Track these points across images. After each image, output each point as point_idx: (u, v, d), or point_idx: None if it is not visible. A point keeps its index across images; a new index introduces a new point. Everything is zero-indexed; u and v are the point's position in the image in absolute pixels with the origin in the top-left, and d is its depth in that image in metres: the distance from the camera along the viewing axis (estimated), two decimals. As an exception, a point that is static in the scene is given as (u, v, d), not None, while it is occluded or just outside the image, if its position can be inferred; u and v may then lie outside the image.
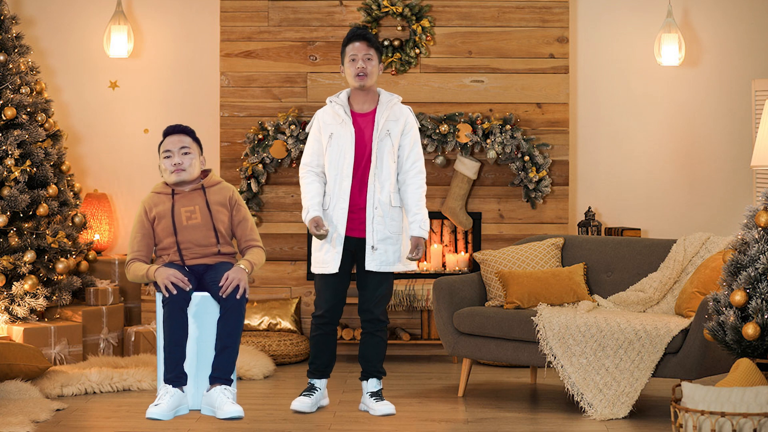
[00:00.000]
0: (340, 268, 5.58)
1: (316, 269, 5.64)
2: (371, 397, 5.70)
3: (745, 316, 5.04)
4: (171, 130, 5.56)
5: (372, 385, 5.72)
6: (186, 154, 5.49)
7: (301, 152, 7.60)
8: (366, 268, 5.60)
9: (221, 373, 5.28)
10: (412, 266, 5.75)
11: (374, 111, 5.61)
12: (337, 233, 5.55)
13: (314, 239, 5.62)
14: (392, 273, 5.67)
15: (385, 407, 5.65)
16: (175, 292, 5.23)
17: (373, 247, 5.56)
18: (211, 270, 5.43)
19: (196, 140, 5.56)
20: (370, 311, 5.65)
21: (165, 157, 5.50)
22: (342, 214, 5.55)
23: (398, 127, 5.59)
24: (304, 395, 5.72)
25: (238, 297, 5.28)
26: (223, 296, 5.27)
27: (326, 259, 5.58)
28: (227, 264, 5.47)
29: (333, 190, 5.57)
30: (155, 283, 5.35)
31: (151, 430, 5.50)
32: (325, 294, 5.63)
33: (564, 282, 6.41)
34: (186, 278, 5.27)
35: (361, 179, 5.57)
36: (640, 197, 8.06)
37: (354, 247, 5.60)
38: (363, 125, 5.59)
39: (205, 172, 5.62)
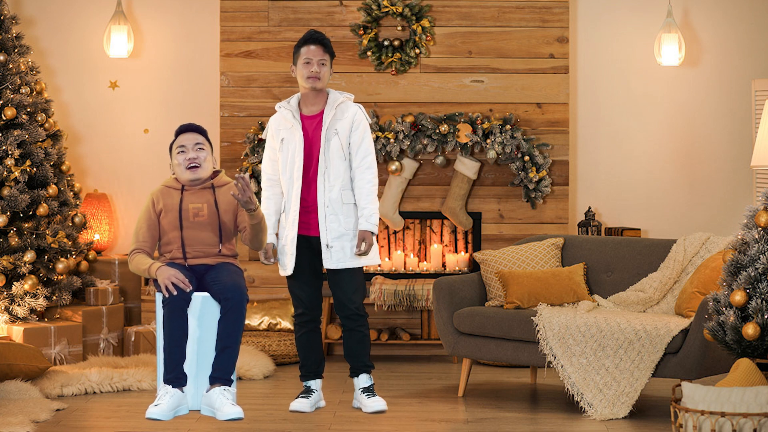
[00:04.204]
0: (302, 268, 5.66)
1: (280, 272, 5.73)
2: (363, 393, 5.70)
3: (745, 316, 5.04)
4: (185, 129, 5.57)
5: (363, 380, 5.72)
6: (200, 150, 5.51)
7: (301, 152, 7.62)
8: (325, 267, 5.65)
9: (221, 373, 5.28)
10: (369, 261, 5.67)
11: (322, 112, 5.65)
12: (291, 236, 5.63)
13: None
14: (358, 268, 5.67)
15: (377, 404, 5.64)
16: (175, 293, 5.23)
17: (327, 245, 5.60)
18: (212, 270, 5.43)
19: (209, 140, 5.59)
20: (345, 307, 5.68)
21: (179, 152, 5.50)
22: (294, 216, 5.62)
23: (345, 125, 5.61)
24: (301, 397, 5.73)
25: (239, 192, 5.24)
26: (236, 194, 5.25)
27: (284, 261, 5.68)
28: (229, 264, 5.48)
29: (287, 194, 5.66)
30: (155, 282, 5.35)
31: (151, 430, 5.50)
32: (296, 293, 5.72)
33: (564, 282, 6.41)
34: (187, 279, 5.27)
35: (313, 180, 5.62)
36: (640, 197, 8.06)
37: (316, 245, 5.65)
38: (311, 127, 5.64)
39: (215, 173, 5.63)
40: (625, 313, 6.12)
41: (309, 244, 5.65)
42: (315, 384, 5.76)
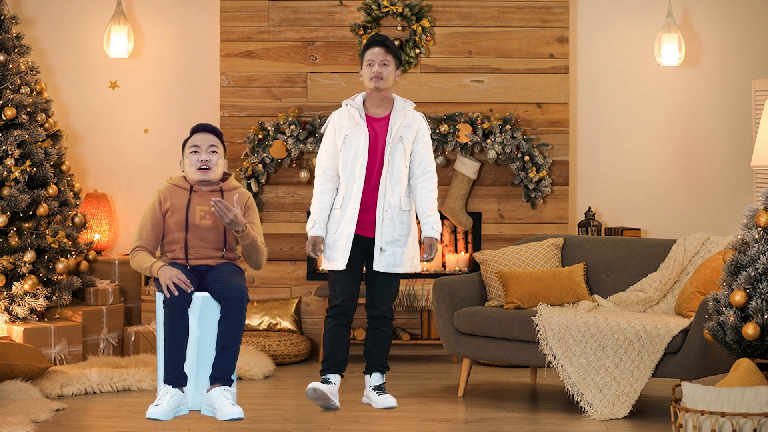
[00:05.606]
0: (350, 265, 5.78)
1: (326, 265, 5.83)
2: (374, 390, 5.87)
3: (745, 316, 5.04)
4: (201, 128, 5.56)
5: (375, 379, 5.89)
6: (213, 152, 5.51)
7: (301, 152, 7.62)
8: (374, 269, 5.80)
9: (221, 373, 5.28)
10: (417, 267, 5.96)
11: (389, 116, 5.79)
12: (347, 233, 5.73)
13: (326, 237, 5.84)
14: (399, 273, 5.88)
15: (387, 400, 5.83)
16: (176, 293, 5.22)
17: (381, 248, 5.76)
18: (213, 270, 5.43)
19: (223, 143, 5.58)
20: (377, 308, 5.87)
21: (192, 152, 5.49)
22: (353, 214, 5.73)
23: (411, 134, 5.79)
24: (323, 382, 5.80)
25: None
26: (214, 208, 5.26)
27: (335, 256, 5.78)
28: (229, 264, 5.47)
29: (346, 191, 5.76)
30: (156, 281, 5.34)
31: (151, 430, 5.50)
32: (339, 287, 5.82)
33: (564, 282, 6.41)
34: (188, 280, 5.27)
35: (374, 182, 5.76)
36: (640, 197, 8.06)
37: (366, 245, 5.80)
38: (377, 129, 5.77)
39: (225, 176, 5.61)
40: (625, 313, 6.12)
41: (360, 243, 5.80)
42: (334, 378, 5.82)
